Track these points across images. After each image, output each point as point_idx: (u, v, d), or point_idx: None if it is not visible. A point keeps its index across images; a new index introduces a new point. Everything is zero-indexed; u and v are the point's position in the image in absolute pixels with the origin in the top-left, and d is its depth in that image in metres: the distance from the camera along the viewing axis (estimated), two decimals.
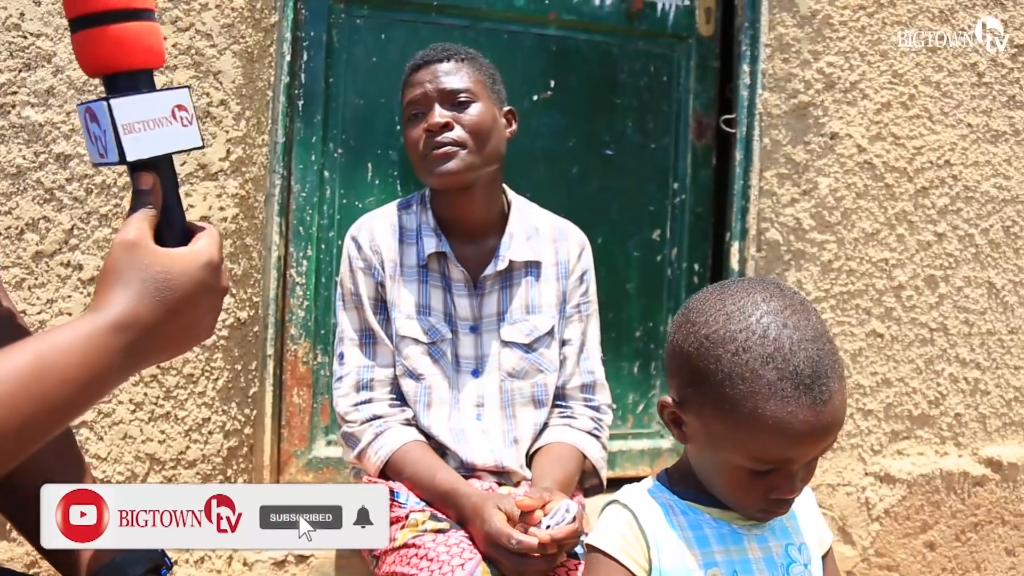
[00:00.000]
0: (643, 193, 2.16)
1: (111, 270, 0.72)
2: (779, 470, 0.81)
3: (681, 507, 0.88)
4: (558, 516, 1.17)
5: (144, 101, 0.74)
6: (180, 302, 0.73)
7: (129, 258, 0.72)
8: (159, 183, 0.76)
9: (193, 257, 0.74)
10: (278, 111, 1.80)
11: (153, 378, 1.64)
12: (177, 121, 0.75)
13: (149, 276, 0.71)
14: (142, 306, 0.71)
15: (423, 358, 1.45)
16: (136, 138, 0.73)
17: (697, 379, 0.83)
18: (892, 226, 1.96)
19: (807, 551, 0.92)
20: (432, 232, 1.47)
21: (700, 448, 0.88)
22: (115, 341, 0.69)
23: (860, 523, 1.94)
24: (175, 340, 0.75)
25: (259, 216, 1.76)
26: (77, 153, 1.58)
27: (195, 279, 0.74)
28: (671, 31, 2.15)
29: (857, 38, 1.93)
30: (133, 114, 0.73)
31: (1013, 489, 2.01)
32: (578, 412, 1.52)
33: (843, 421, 0.81)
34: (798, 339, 0.79)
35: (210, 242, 0.77)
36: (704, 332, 0.82)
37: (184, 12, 1.63)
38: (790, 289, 0.86)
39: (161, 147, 0.74)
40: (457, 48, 1.47)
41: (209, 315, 0.77)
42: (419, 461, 1.39)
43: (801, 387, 0.77)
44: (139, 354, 0.72)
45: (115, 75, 0.75)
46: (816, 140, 1.94)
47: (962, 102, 1.99)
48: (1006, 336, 2.04)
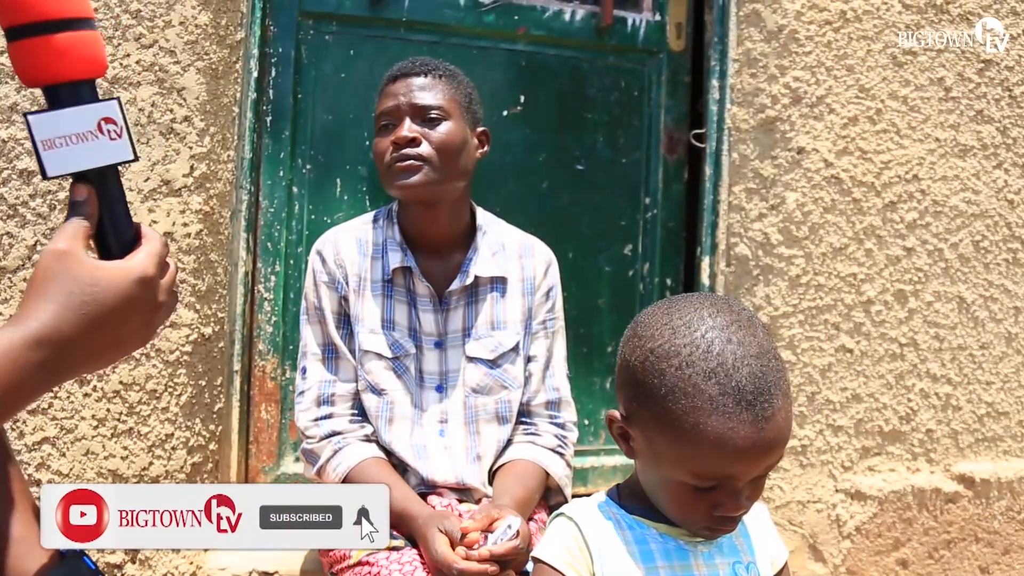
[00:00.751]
0: (614, 208, 2.16)
1: (38, 279, 0.70)
2: (723, 487, 0.81)
3: (628, 521, 0.88)
4: (498, 533, 1.17)
5: (66, 116, 0.72)
6: (106, 316, 0.71)
7: (57, 268, 0.70)
8: (94, 194, 0.75)
9: (124, 271, 0.73)
10: (245, 127, 1.80)
11: (116, 394, 1.63)
12: (104, 135, 0.73)
13: (76, 289, 0.70)
14: (64, 321, 0.69)
15: (386, 373, 1.44)
16: (57, 153, 0.72)
17: (642, 393, 0.82)
18: (860, 241, 1.95)
19: (755, 570, 0.91)
20: (397, 247, 1.47)
21: (645, 463, 0.87)
22: (33, 356, 0.67)
23: (831, 540, 1.92)
24: (99, 354, 0.74)
25: (224, 232, 1.76)
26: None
27: (124, 294, 0.72)
28: (642, 46, 2.16)
29: (823, 53, 1.93)
30: (53, 129, 0.71)
31: (986, 506, 1.99)
32: (542, 429, 1.51)
33: (787, 439, 0.81)
34: (742, 355, 0.78)
35: (147, 255, 0.75)
36: (650, 346, 0.82)
37: (148, 29, 1.63)
38: (739, 304, 0.86)
39: (86, 162, 0.73)
40: (437, 63, 1.47)
41: (141, 330, 0.76)
42: (375, 478, 1.38)
43: (743, 403, 0.77)
44: (59, 369, 0.70)
45: (54, 86, 0.73)
46: (783, 155, 1.94)
47: (929, 116, 1.99)
48: (977, 351, 2.03)
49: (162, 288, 0.77)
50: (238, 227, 1.80)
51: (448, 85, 1.44)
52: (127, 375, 1.63)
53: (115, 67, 1.62)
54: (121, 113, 0.75)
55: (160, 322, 0.78)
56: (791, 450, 1.93)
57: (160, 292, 0.76)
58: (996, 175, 2.05)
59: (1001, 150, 2.05)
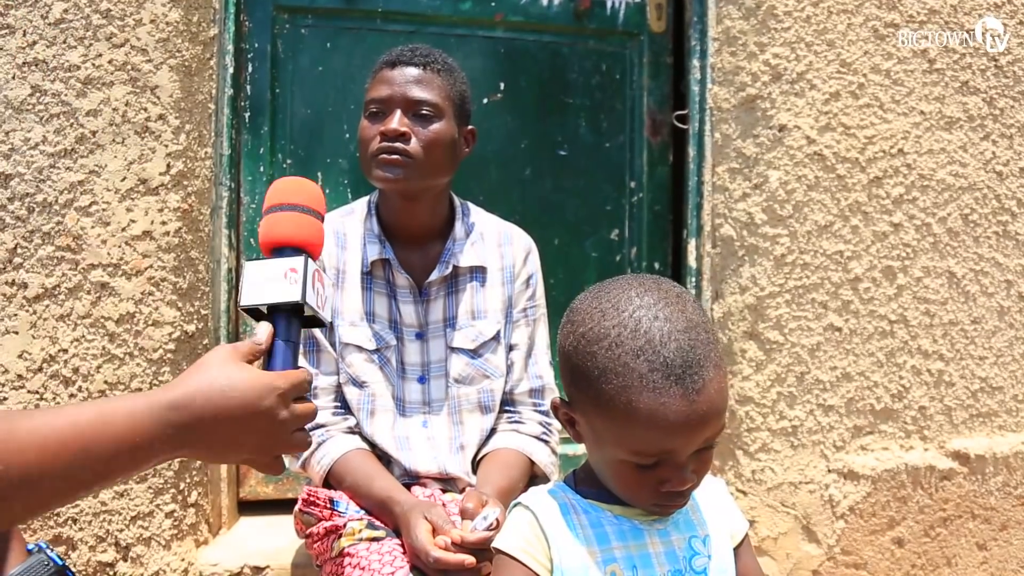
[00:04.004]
0: (599, 193, 2.14)
1: (198, 364, 0.84)
2: (666, 462, 0.81)
3: (583, 506, 0.89)
4: (476, 522, 1.16)
5: (268, 264, 0.94)
6: (231, 411, 0.81)
7: (214, 360, 0.84)
8: (271, 328, 0.91)
9: (260, 380, 0.84)
10: (223, 123, 1.80)
11: (101, 393, 1.64)
12: (287, 280, 0.93)
13: (218, 379, 0.82)
14: (198, 397, 0.80)
15: (367, 365, 1.44)
16: (251, 289, 0.93)
17: (578, 377, 0.83)
18: (846, 218, 1.93)
19: (712, 543, 0.91)
20: (376, 239, 1.46)
21: (591, 446, 0.88)
22: (168, 416, 0.78)
23: (824, 521, 1.91)
24: (217, 445, 0.83)
25: (205, 229, 1.76)
26: (18, 172, 1.59)
27: (252, 399, 0.82)
28: (622, 28, 2.14)
29: (803, 28, 1.90)
30: (257, 273, 0.93)
31: (982, 482, 1.97)
32: (527, 417, 1.51)
33: (723, 410, 0.80)
34: (669, 330, 0.79)
35: (286, 377, 0.86)
36: (581, 330, 0.83)
37: (119, 28, 1.63)
38: (668, 282, 0.86)
39: (266, 297, 0.92)
40: (437, 55, 1.43)
41: (258, 439, 0.85)
42: (358, 469, 1.38)
43: (672, 377, 0.77)
44: (184, 439, 0.80)
45: (281, 247, 0.96)
46: (765, 133, 1.91)
47: (913, 89, 1.96)
48: (969, 326, 2.00)
49: (290, 412, 0.86)
50: (219, 224, 1.80)
51: (444, 81, 1.41)
52: (112, 374, 1.63)
53: (87, 67, 1.62)
54: (304, 266, 0.93)
55: (279, 444, 0.87)
56: (782, 431, 1.91)
57: (287, 414, 0.86)
58: (983, 147, 2.02)
59: (988, 121, 2.01)
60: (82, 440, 0.72)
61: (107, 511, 1.62)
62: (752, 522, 1.92)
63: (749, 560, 0.97)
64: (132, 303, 1.64)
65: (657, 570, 0.86)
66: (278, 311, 0.93)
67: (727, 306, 1.94)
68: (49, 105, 1.60)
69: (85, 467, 0.73)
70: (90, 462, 0.73)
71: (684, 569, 0.87)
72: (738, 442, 1.93)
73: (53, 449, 0.71)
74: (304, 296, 0.92)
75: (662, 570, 0.86)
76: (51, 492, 0.73)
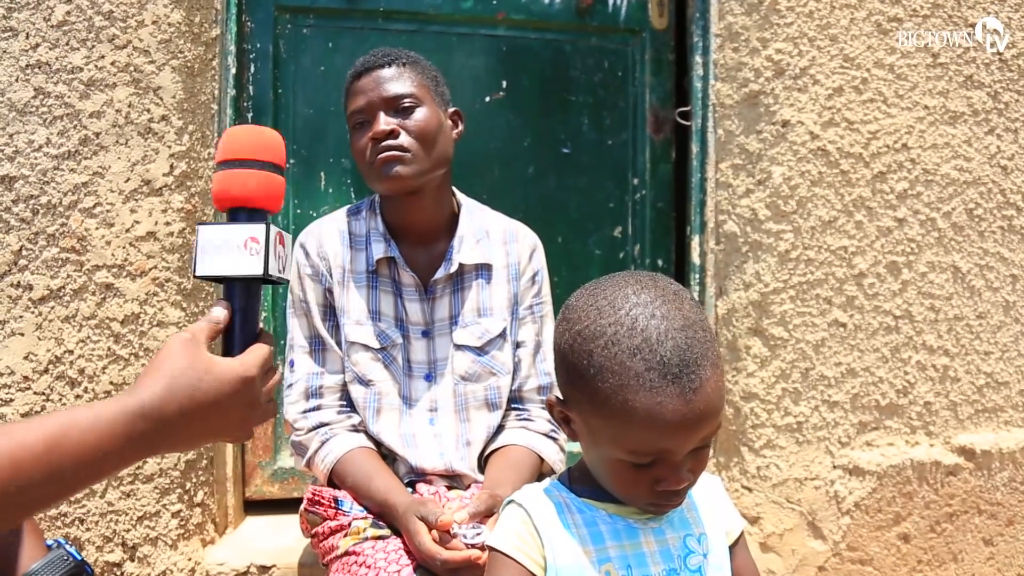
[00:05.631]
0: (602, 190, 2.14)
1: (159, 358, 0.80)
2: (662, 461, 0.80)
3: (577, 505, 0.88)
4: (466, 531, 1.17)
5: (224, 230, 0.86)
6: (206, 406, 0.79)
7: (176, 352, 0.79)
8: (229, 301, 0.87)
9: (230, 368, 0.81)
10: (225, 124, 1.80)
11: (107, 395, 1.64)
12: (247, 251, 0.85)
13: (185, 375, 0.78)
14: (168, 402, 0.77)
15: (373, 364, 1.44)
16: (208, 258, 0.85)
17: (574, 375, 0.82)
18: (850, 213, 1.92)
19: (707, 541, 0.91)
20: (381, 237, 1.46)
21: (586, 445, 0.88)
22: (136, 426, 0.75)
23: (830, 517, 1.91)
24: (193, 438, 0.81)
25: None
26: (22, 175, 1.59)
27: (225, 388, 0.80)
28: (624, 26, 2.13)
29: (805, 23, 1.89)
30: (213, 238, 0.85)
31: (988, 477, 1.96)
32: (535, 414, 1.51)
33: (719, 409, 0.80)
34: (666, 328, 0.78)
35: (254, 358, 0.83)
36: (577, 328, 0.82)
37: (121, 30, 1.63)
38: (665, 280, 0.85)
39: (224, 269, 0.85)
40: (398, 52, 1.45)
41: (236, 424, 0.83)
42: (359, 469, 1.38)
43: (669, 376, 0.76)
44: (155, 443, 0.77)
45: (237, 209, 0.87)
46: (768, 129, 1.91)
47: (917, 84, 1.95)
48: (974, 321, 2.00)
49: (262, 391, 0.84)
50: None
51: (414, 71, 1.42)
52: (117, 375, 1.64)
53: (90, 69, 1.62)
54: (265, 234, 0.85)
55: (256, 422, 0.85)
56: (787, 427, 1.91)
57: (259, 393, 0.84)
58: (988, 141, 2.01)
59: (993, 115, 2.00)
60: (49, 457, 0.70)
61: (114, 511, 1.63)
62: (757, 518, 1.92)
63: (745, 558, 0.96)
64: (137, 304, 1.64)
65: (652, 569, 0.85)
66: (236, 279, 0.87)
67: (731, 303, 1.93)
68: (52, 107, 1.60)
69: (51, 479, 0.71)
70: (58, 474, 0.71)
71: (679, 568, 0.87)
72: (743, 438, 1.93)
73: (28, 463, 0.70)
74: (267, 269, 0.86)
75: (657, 569, 0.86)
76: (16, 507, 0.71)
